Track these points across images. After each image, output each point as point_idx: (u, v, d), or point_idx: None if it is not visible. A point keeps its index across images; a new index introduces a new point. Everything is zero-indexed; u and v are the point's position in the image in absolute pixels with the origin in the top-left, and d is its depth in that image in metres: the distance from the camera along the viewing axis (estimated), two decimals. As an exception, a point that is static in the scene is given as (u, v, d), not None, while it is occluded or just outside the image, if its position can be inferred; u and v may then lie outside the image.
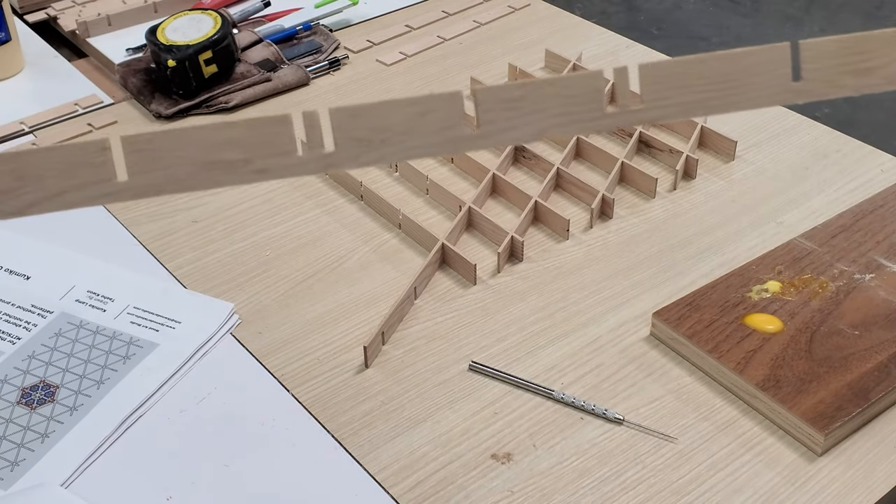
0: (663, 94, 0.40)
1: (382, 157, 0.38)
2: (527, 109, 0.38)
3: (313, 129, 0.38)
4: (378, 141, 0.38)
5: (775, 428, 0.67)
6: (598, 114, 0.39)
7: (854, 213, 0.83)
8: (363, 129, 0.38)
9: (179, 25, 1.01)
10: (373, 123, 0.38)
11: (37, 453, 0.65)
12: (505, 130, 0.38)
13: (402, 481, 0.64)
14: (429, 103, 0.38)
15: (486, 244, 0.83)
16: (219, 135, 0.38)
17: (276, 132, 0.38)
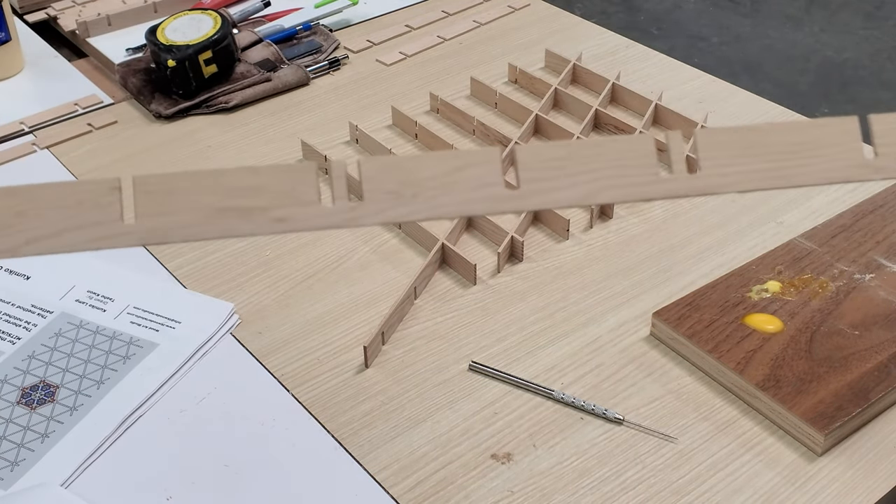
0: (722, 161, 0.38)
1: (412, 212, 0.36)
2: (571, 170, 0.36)
3: (338, 179, 0.36)
4: (409, 195, 0.35)
5: (775, 428, 0.67)
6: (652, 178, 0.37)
7: (854, 213, 0.83)
8: (392, 181, 0.35)
9: (179, 25, 1.01)
10: (403, 176, 0.36)
11: (37, 453, 0.65)
12: (547, 192, 0.36)
13: (402, 481, 0.64)
14: (465, 158, 0.36)
15: (486, 244, 0.83)
16: (238, 179, 0.36)
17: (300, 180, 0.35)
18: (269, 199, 0.35)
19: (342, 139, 0.97)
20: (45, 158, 0.95)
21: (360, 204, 0.36)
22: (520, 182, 0.35)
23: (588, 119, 0.96)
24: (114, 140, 0.98)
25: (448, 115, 1.00)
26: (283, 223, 0.35)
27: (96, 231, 0.35)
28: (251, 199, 0.35)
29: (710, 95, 1.02)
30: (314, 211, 0.36)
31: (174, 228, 0.35)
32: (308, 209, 0.36)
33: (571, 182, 0.36)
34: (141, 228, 0.34)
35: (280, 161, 0.94)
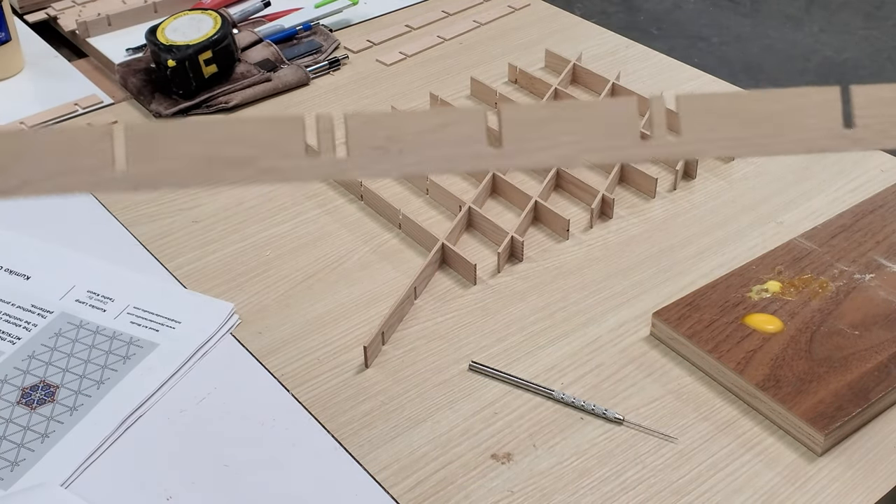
0: (702, 128, 0.38)
1: (396, 167, 0.36)
2: (555, 131, 0.36)
3: (326, 133, 0.36)
4: (395, 150, 0.36)
5: (775, 428, 0.67)
6: (631, 142, 0.37)
7: (854, 213, 0.83)
8: (379, 137, 0.36)
9: (179, 25, 1.01)
10: (390, 132, 0.36)
11: (37, 453, 0.65)
12: (530, 152, 0.36)
13: (402, 481, 0.64)
14: (451, 115, 0.37)
15: (486, 244, 0.83)
16: (227, 130, 0.36)
17: (287, 132, 0.36)
18: (257, 150, 0.35)
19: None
20: (45, 158, 0.95)
21: (346, 158, 0.37)
22: (503, 141, 0.36)
23: (588, 119, 0.95)
24: (114, 140, 0.98)
25: (448, 115, 0.99)
26: (269, 174, 0.35)
27: (89, 176, 0.36)
28: (239, 149, 0.35)
29: (710, 95, 1.02)
30: (300, 163, 0.36)
31: (164, 176, 0.35)
32: (294, 161, 0.35)
33: (554, 143, 0.36)
34: (132, 175, 0.35)
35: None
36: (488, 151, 0.36)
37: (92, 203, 0.89)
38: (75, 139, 0.36)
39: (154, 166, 0.36)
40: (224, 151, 0.36)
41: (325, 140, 0.36)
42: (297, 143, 0.36)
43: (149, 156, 0.36)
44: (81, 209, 0.88)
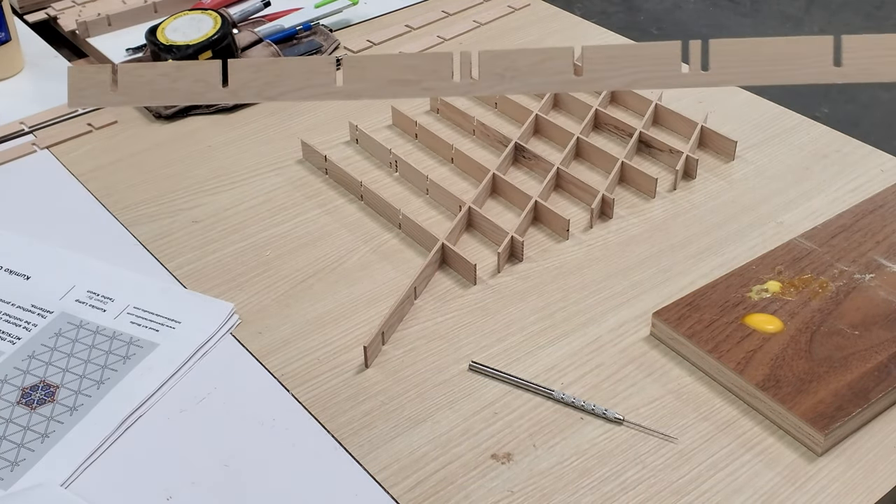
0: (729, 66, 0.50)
1: (510, 88, 0.52)
2: (619, 65, 0.50)
3: (465, 64, 0.51)
4: (509, 77, 0.50)
5: (775, 428, 0.67)
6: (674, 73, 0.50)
7: (854, 213, 0.83)
8: (499, 67, 0.51)
9: (179, 25, 1.01)
10: (507, 63, 0.51)
11: (37, 453, 0.65)
12: (602, 80, 0.50)
13: (402, 481, 0.64)
14: (548, 53, 0.51)
15: (486, 244, 0.83)
16: (403, 62, 0.53)
17: (440, 64, 0.51)
18: (421, 75, 0.52)
19: (342, 139, 0.97)
20: (45, 158, 0.95)
21: (477, 81, 0.51)
22: (584, 72, 0.51)
23: (588, 119, 0.96)
24: (114, 140, 0.98)
25: (448, 115, 1.00)
26: (428, 91, 0.52)
27: (319, 90, 0.53)
28: (410, 75, 0.52)
29: (710, 95, 1.02)
30: (447, 84, 0.51)
31: (365, 91, 0.53)
32: (445, 83, 0.51)
33: (619, 73, 0.50)
34: (346, 90, 0.53)
35: (280, 161, 0.94)
36: (573, 79, 0.51)
37: (92, 203, 0.89)
38: (314, 65, 0.53)
39: (360, 85, 0.53)
40: (401, 76, 0.53)
41: (463, 69, 0.52)
42: (447, 71, 0.52)
43: (356, 77, 0.53)
44: (81, 209, 0.88)
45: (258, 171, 0.93)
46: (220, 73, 0.52)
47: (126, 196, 0.90)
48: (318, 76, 0.52)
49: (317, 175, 0.92)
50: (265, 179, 0.92)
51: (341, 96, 0.52)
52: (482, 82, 0.51)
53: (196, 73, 0.52)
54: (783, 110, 1.00)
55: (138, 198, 0.89)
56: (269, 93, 0.53)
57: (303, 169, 0.93)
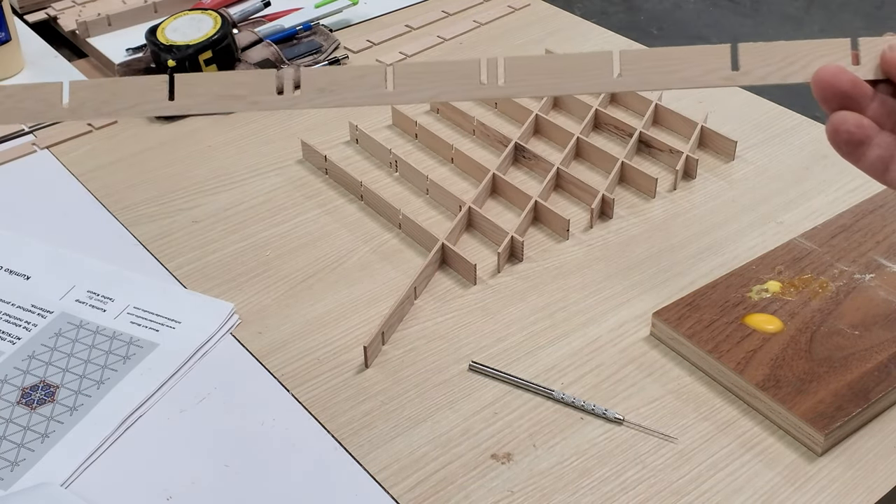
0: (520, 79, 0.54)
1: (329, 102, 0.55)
2: (425, 80, 0.54)
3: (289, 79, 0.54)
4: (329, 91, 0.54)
5: (775, 428, 0.67)
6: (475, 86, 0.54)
7: (854, 213, 0.83)
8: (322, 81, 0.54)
9: (179, 25, 1.01)
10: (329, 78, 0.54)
11: (37, 453, 0.65)
12: (409, 93, 0.54)
13: (402, 481, 0.64)
14: (365, 70, 0.54)
15: (486, 244, 0.83)
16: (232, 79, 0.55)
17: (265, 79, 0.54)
18: (248, 90, 0.54)
19: (342, 139, 0.97)
20: (45, 158, 0.95)
21: (300, 95, 0.54)
22: (395, 86, 0.54)
23: (588, 119, 0.96)
24: (114, 140, 0.98)
25: (448, 115, 1.00)
26: (255, 105, 0.54)
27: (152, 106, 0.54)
28: (239, 90, 0.54)
29: (710, 95, 1.02)
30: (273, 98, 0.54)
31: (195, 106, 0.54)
32: (270, 97, 0.54)
33: (424, 88, 0.54)
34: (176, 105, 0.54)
35: (280, 161, 0.94)
36: (385, 92, 0.54)
37: (92, 203, 0.89)
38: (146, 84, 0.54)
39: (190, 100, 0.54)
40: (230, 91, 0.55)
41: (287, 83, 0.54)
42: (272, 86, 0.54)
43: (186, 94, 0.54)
44: (81, 209, 0.88)
45: (258, 171, 0.93)
46: (61, 93, 0.54)
47: (126, 196, 0.90)
48: (151, 93, 0.54)
49: (317, 175, 0.92)
50: (265, 179, 0.92)
51: (172, 110, 0.54)
52: (304, 96, 0.55)
53: (39, 94, 0.54)
54: (783, 110, 1.00)
55: (138, 198, 0.89)
56: (106, 109, 0.54)
57: (303, 169, 0.93)
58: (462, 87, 0.54)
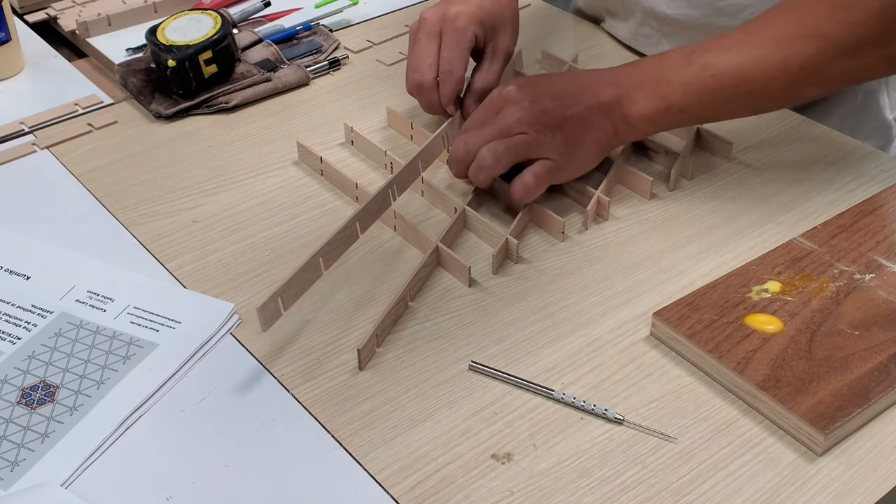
0: None
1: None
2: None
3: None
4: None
5: (775, 428, 0.67)
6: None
7: (854, 213, 0.83)
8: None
9: (179, 25, 1.02)
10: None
11: (37, 453, 0.65)
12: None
13: (402, 481, 0.64)
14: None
15: (483, 246, 0.83)
16: None
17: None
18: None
19: (340, 140, 0.97)
20: (45, 158, 0.95)
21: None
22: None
23: (588, 119, 0.95)
24: (114, 140, 0.98)
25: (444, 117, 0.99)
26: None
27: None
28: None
29: (710, 95, 1.02)
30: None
31: None
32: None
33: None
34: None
35: (280, 161, 0.94)
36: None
37: (92, 203, 0.89)
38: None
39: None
40: None
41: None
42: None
43: None
44: (81, 209, 0.88)
45: (258, 171, 0.93)
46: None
47: (126, 196, 0.90)
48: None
49: (315, 176, 0.92)
50: (265, 179, 0.92)
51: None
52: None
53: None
54: (783, 110, 1.00)
55: (138, 198, 0.89)
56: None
57: (302, 169, 0.93)
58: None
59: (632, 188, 0.89)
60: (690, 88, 0.82)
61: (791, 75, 0.81)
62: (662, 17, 1.05)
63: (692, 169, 0.90)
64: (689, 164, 0.90)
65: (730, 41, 0.83)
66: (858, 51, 0.80)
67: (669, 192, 0.89)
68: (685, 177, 0.90)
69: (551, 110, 0.82)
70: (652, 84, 0.83)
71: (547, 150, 0.82)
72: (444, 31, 0.92)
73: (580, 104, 0.83)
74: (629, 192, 0.89)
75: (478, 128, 0.84)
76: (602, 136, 0.84)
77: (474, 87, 0.94)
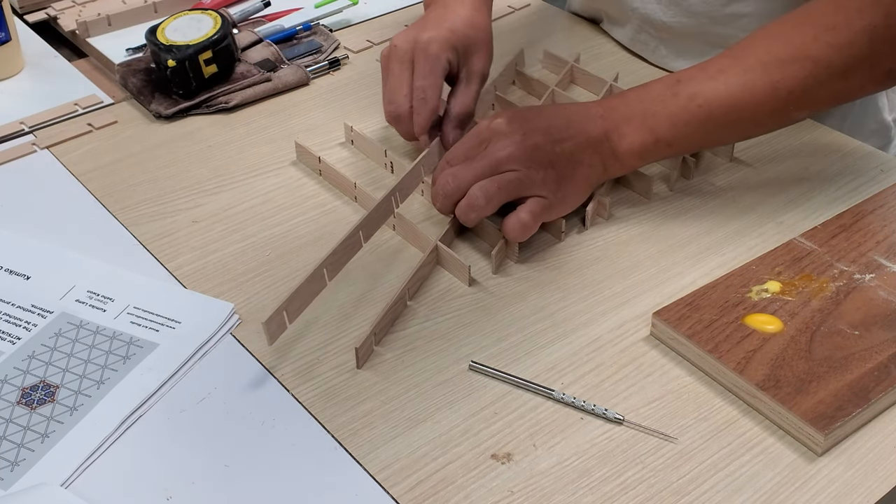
0: None
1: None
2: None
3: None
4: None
5: (775, 428, 0.67)
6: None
7: (854, 213, 0.83)
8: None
9: (179, 25, 1.01)
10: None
11: (37, 453, 0.65)
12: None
13: (402, 481, 0.64)
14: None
15: (483, 246, 0.83)
16: None
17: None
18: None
19: (340, 140, 0.97)
20: (45, 158, 0.95)
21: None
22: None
23: (588, 119, 0.95)
24: (114, 140, 0.98)
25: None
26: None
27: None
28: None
29: (710, 95, 1.02)
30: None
31: None
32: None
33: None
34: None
35: (280, 161, 0.94)
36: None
37: (92, 203, 0.89)
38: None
39: None
40: None
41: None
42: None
43: None
44: (81, 209, 0.88)
45: (258, 170, 0.93)
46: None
47: (126, 196, 0.90)
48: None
49: (315, 176, 0.92)
50: (265, 179, 0.92)
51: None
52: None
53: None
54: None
55: (138, 198, 0.89)
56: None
57: (302, 169, 0.93)
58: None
59: (632, 188, 0.89)
60: (678, 120, 0.81)
61: (780, 100, 0.80)
62: (660, 24, 1.04)
63: (692, 169, 0.90)
64: (689, 164, 0.90)
65: (716, 68, 0.82)
66: (848, 72, 0.79)
67: (669, 192, 0.89)
68: (685, 177, 0.90)
69: (542, 146, 0.80)
70: (640, 117, 0.82)
71: (538, 188, 0.80)
72: (416, 58, 0.89)
73: (570, 140, 0.81)
74: (629, 192, 0.89)
75: (464, 161, 0.81)
76: (591, 172, 0.82)
77: (452, 113, 0.91)
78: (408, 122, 0.89)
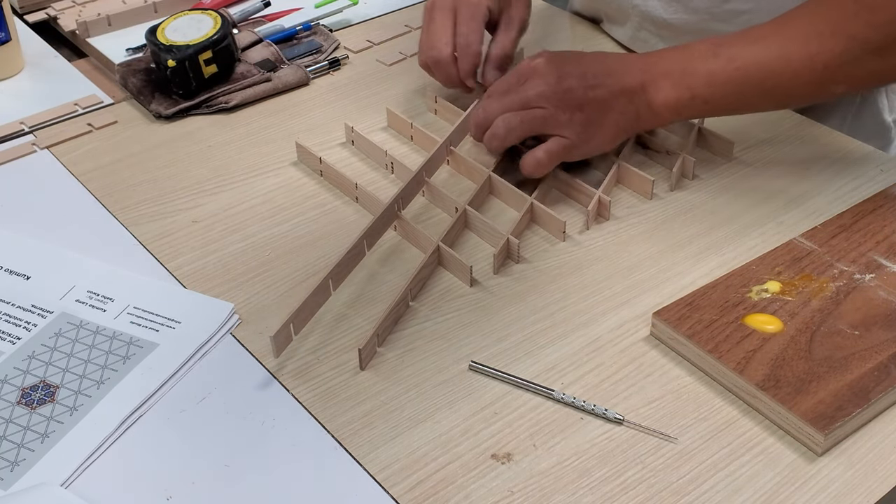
0: None
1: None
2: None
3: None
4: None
5: (775, 428, 0.67)
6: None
7: (854, 213, 0.83)
8: None
9: (179, 25, 1.01)
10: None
11: (37, 453, 0.65)
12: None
13: (402, 481, 0.64)
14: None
15: (483, 246, 0.83)
16: None
17: None
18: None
19: (340, 140, 0.97)
20: (45, 158, 0.95)
21: None
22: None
23: (588, 119, 0.95)
24: (114, 140, 0.98)
25: (444, 117, 0.99)
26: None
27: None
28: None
29: (710, 95, 1.02)
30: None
31: None
32: None
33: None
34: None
35: (280, 161, 0.94)
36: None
37: (92, 203, 0.89)
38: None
39: None
40: None
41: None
42: None
43: None
44: (81, 209, 0.88)
45: (258, 171, 0.93)
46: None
47: (126, 196, 0.90)
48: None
49: (315, 176, 0.92)
50: (265, 179, 0.92)
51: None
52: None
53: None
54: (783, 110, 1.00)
55: (138, 198, 0.89)
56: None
57: (302, 169, 0.93)
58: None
59: (632, 188, 0.89)
60: (716, 80, 0.83)
61: (816, 73, 0.82)
62: (660, 21, 1.05)
63: (693, 169, 0.90)
64: (689, 164, 0.90)
65: (757, 34, 0.84)
66: (884, 50, 0.80)
67: (669, 192, 0.89)
68: (686, 177, 0.90)
69: (575, 89, 0.83)
70: (678, 73, 0.84)
71: (563, 128, 0.84)
72: (459, 6, 0.94)
73: (604, 87, 0.84)
74: (630, 192, 0.89)
75: (500, 95, 0.86)
76: (622, 120, 0.85)
77: (493, 55, 0.96)
78: (447, 66, 0.94)
